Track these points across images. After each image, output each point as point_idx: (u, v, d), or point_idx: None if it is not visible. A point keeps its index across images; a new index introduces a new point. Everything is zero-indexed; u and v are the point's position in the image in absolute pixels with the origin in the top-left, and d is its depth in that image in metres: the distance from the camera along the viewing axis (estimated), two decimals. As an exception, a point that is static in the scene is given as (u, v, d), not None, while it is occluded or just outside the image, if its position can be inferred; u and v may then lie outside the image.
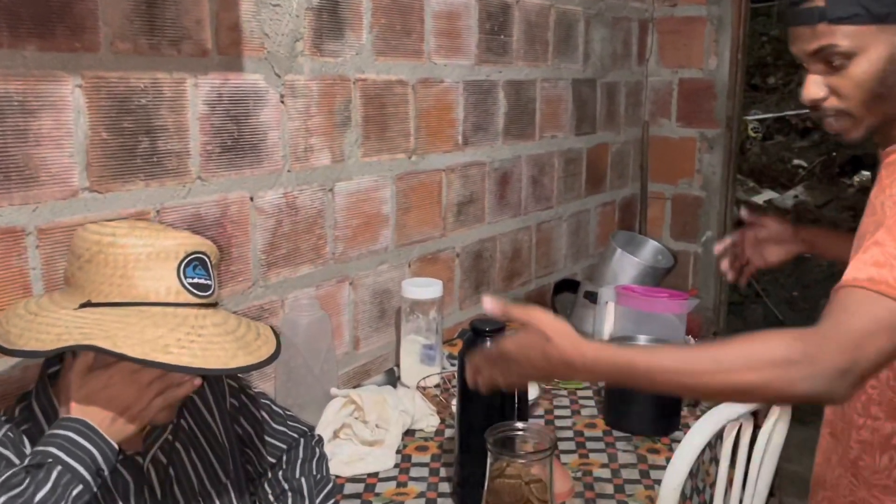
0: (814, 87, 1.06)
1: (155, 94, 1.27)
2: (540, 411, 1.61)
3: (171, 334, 0.89)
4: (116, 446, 0.91)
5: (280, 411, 1.23)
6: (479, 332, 1.17)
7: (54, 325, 0.89)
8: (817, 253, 1.40)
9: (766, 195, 5.90)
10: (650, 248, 1.90)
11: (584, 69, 2.46)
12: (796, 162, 6.39)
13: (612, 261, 1.81)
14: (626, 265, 1.77)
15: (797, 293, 4.66)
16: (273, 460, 1.20)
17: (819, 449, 1.23)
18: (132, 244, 0.92)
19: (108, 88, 1.20)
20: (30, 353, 0.88)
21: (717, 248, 1.43)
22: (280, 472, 1.19)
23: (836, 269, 1.00)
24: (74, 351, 0.91)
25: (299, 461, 1.20)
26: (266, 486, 1.18)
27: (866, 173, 5.78)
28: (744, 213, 1.45)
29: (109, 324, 0.88)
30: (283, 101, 1.50)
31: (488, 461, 1.01)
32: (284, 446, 1.21)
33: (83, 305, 0.91)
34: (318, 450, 1.24)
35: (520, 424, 1.05)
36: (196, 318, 0.93)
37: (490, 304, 1.01)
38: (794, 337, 0.87)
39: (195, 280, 0.95)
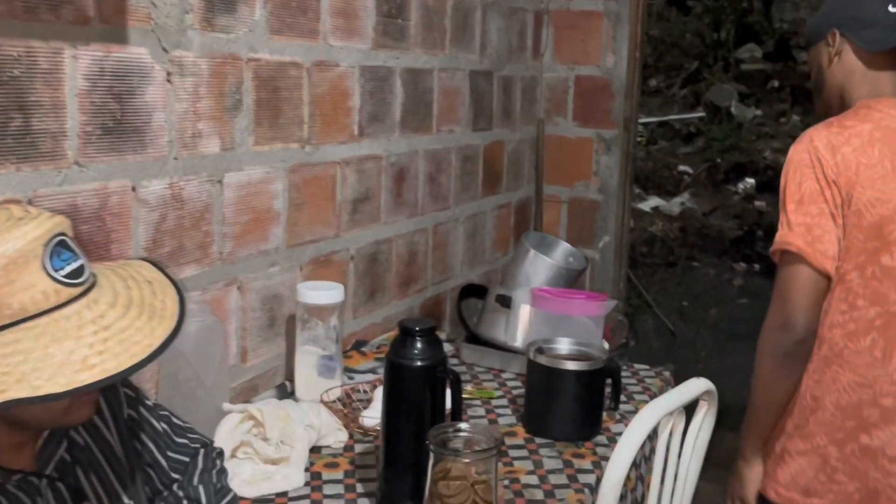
0: None
1: (30, 64, 1.26)
2: (452, 423, 1.69)
3: (78, 344, 0.87)
4: None
5: (180, 423, 1.25)
6: (408, 332, 1.24)
7: None
8: None
9: (653, 201, 6.35)
10: (562, 249, 2.04)
11: (480, 60, 2.60)
12: (682, 168, 6.93)
13: (524, 262, 1.93)
14: (540, 267, 1.90)
15: (686, 303, 5.06)
16: (177, 476, 1.22)
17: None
18: None
19: (-23, 55, 1.18)
20: None
21: None
22: (176, 485, 1.21)
23: (722, 280, 1.25)
24: None
25: (198, 471, 1.23)
26: (164, 502, 1.20)
27: (751, 181, 6.37)
28: None
29: (4, 359, 0.85)
30: (169, 80, 1.51)
31: (430, 463, 1.08)
32: (187, 459, 1.23)
33: None
34: (218, 462, 1.27)
35: (463, 425, 1.13)
36: (89, 308, 0.90)
37: None
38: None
39: (67, 268, 0.90)
